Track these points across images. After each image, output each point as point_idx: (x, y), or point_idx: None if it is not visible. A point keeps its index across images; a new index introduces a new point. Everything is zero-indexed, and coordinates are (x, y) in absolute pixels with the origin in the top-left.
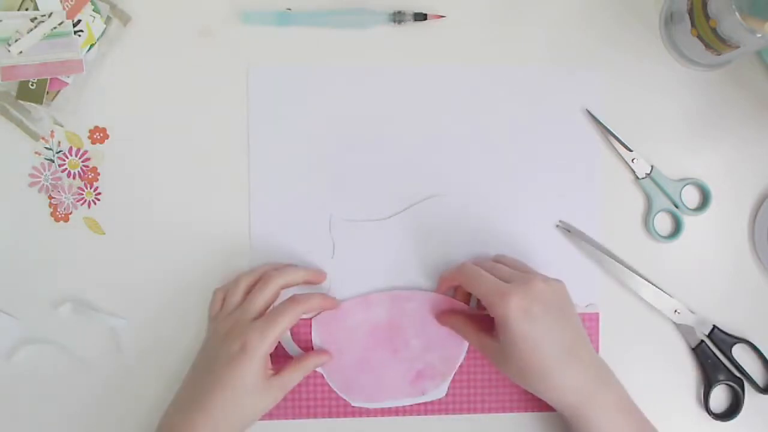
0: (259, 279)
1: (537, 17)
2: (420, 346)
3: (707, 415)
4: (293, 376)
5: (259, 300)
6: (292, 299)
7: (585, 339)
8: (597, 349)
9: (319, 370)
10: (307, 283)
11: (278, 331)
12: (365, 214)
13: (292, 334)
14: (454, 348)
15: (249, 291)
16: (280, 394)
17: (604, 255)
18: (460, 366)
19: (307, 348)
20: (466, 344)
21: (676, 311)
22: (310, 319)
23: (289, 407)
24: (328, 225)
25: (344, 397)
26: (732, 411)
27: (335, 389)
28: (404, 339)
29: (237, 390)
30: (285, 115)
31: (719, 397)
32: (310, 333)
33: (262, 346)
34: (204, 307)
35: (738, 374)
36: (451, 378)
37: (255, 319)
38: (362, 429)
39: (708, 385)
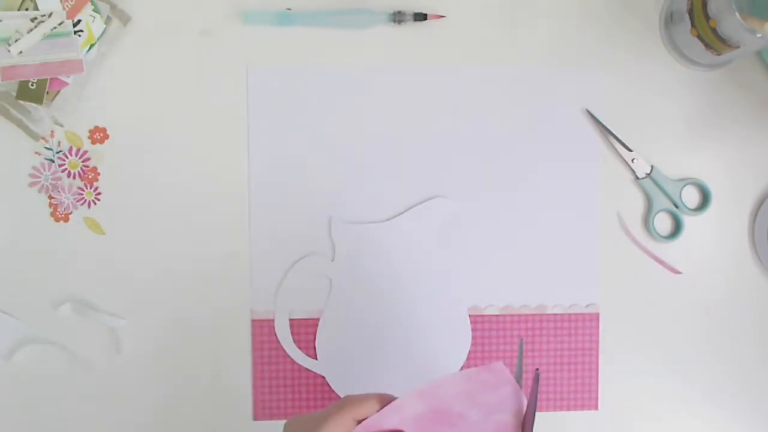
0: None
1: (537, 17)
2: (479, 415)
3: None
4: None
5: (320, 420)
6: (343, 402)
7: None
8: (597, 349)
9: (325, 377)
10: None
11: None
12: (366, 216)
13: (295, 341)
14: (516, 403)
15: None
16: None
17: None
18: (461, 367)
19: (310, 352)
20: (525, 398)
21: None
22: (315, 319)
23: (289, 407)
24: (328, 227)
25: None
26: None
27: (340, 394)
28: (459, 414)
29: None
30: (285, 115)
31: None
32: (313, 335)
33: None
34: (203, 306)
35: None
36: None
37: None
38: None
39: None
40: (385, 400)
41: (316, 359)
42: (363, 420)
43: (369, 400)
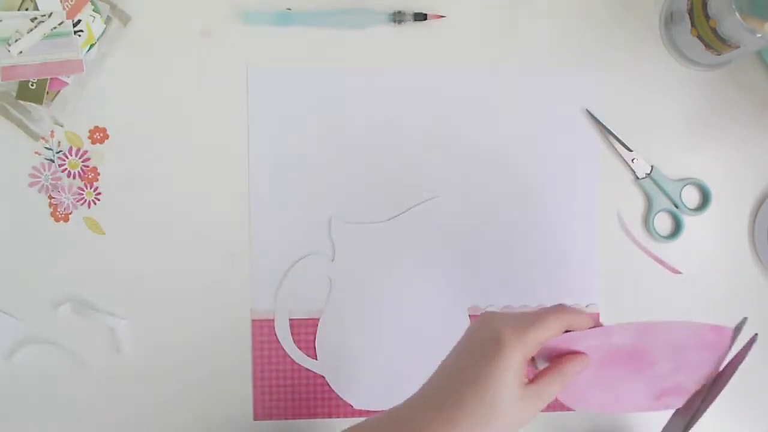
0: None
1: (537, 17)
2: (668, 369)
3: None
4: (550, 387)
5: (537, 324)
6: (561, 308)
7: None
8: None
9: (325, 377)
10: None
11: (537, 335)
12: (365, 216)
13: (295, 341)
14: (707, 371)
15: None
16: (535, 409)
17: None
18: None
19: (310, 352)
20: (720, 362)
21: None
22: (315, 319)
23: (289, 407)
24: (328, 228)
25: (351, 403)
26: None
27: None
28: (650, 362)
29: (488, 396)
30: (285, 115)
31: None
32: (313, 335)
33: (518, 350)
34: (203, 306)
35: None
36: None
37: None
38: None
39: None
40: (596, 321)
41: (316, 359)
42: (569, 331)
43: (584, 316)
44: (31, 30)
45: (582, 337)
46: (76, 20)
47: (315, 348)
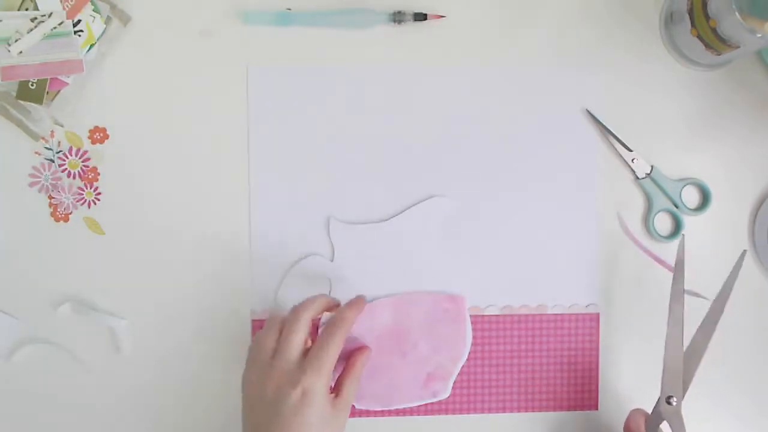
0: (287, 318)
1: (537, 18)
2: (428, 348)
3: None
4: (351, 389)
5: (295, 340)
6: (330, 325)
7: None
8: (597, 349)
9: None
10: (333, 308)
11: (331, 363)
12: (365, 216)
13: None
14: (460, 347)
15: (281, 331)
16: (347, 412)
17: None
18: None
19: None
20: (470, 342)
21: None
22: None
23: None
24: (327, 228)
25: (354, 404)
26: None
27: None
28: (412, 342)
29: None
30: (285, 115)
31: None
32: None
33: (321, 384)
34: (203, 306)
35: None
36: (455, 376)
37: (302, 359)
38: (361, 429)
39: None
40: (330, 301)
41: None
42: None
43: (322, 302)
44: (31, 30)
45: (351, 313)
46: (76, 20)
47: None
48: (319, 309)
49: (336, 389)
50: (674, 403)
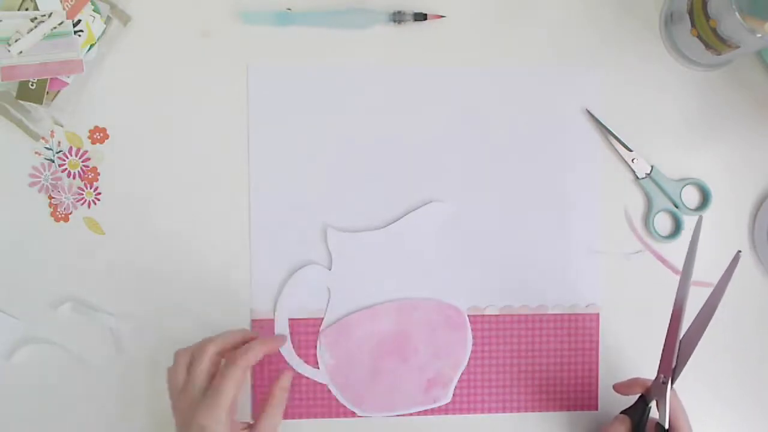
0: (193, 350)
1: (537, 17)
2: (429, 353)
3: None
4: (266, 423)
5: (199, 374)
6: (230, 361)
7: None
8: (597, 349)
9: (327, 384)
10: (246, 341)
11: (226, 398)
12: (362, 223)
13: (294, 347)
14: (460, 353)
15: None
16: None
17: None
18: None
19: (309, 359)
20: (470, 347)
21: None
22: (317, 329)
23: (289, 408)
24: (324, 237)
25: (355, 411)
26: None
27: (345, 403)
28: (413, 347)
29: None
30: (285, 115)
31: None
32: (314, 347)
33: (215, 421)
34: (203, 307)
35: None
36: (456, 382)
37: (204, 393)
38: (360, 429)
39: None
40: (245, 334)
41: (317, 364)
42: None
43: (232, 336)
44: (31, 30)
45: (354, 323)
46: (76, 20)
47: (316, 355)
48: (229, 342)
49: (255, 423)
50: (662, 380)
